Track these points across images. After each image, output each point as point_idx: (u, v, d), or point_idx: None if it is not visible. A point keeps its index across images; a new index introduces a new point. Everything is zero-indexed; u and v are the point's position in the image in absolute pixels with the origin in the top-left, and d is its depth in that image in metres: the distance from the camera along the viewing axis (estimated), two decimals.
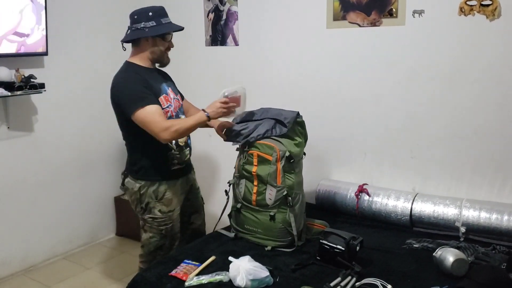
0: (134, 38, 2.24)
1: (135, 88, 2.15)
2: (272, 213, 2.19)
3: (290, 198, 2.17)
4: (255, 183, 2.21)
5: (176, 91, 2.44)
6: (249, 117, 2.34)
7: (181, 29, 2.32)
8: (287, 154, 2.17)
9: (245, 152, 2.24)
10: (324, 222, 2.43)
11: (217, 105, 2.16)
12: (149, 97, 2.15)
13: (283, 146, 2.18)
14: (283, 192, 2.17)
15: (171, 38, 2.30)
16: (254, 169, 2.20)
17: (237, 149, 2.33)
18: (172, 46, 2.32)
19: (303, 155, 2.32)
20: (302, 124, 2.33)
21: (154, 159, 2.26)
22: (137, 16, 2.21)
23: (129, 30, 2.26)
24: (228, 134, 2.32)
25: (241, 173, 2.26)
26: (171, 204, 2.31)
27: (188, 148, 2.38)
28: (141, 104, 2.10)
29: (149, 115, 2.10)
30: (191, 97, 2.63)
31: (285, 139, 2.23)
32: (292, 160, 2.18)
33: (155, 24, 2.19)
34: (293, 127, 2.27)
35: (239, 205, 2.29)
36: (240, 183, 2.28)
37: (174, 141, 2.26)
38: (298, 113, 2.32)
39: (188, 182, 2.45)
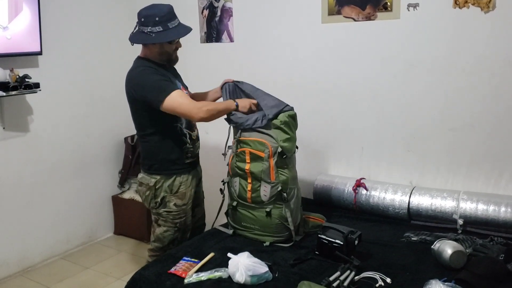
0: (140, 43, 2.26)
1: (155, 78, 2.17)
2: (268, 209, 2.19)
3: (285, 193, 2.17)
4: (249, 180, 2.21)
5: (185, 86, 2.46)
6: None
7: (188, 32, 2.27)
8: (279, 150, 2.16)
9: (237, 149, 2.23)
10: (321, 215, 2.43)
11: (248, 101, 2.28)
12: (171, 84, 2.19)
13: (274, 142, 2.17)
14: (277, 188, 2.16)
15: (179, 39, 2.29)
16: (247, 166, 2.19)
17: (229, 147, 2.33)
18: (180, 46, 2.31)
19: (296, 149, 2.31)
20: (294, 117, 2.28)
21: (169, 154, 2.29)
22: (144, 19, 2.17)
23: (136, 28, 2.22)
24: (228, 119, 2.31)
25: (235, 171, 2.26)
26: (185, 198, 2.34)
27: (198, 141, 2.43)
28: (167, 92, 2.13)
29: (178, 99, 2.14)
30: None
31: (277, 131, 2.20)
32: (284, 156, 2.18)
33: (161, 29, 2.16)
34: (285, 120, 2.22)
35: (235, 203, 2.29)
36: (234, 181, 2.28)
37: (188, 135, 2.30)
38: (286, 105, 2.27)
39: (197, 175, 2.47)
